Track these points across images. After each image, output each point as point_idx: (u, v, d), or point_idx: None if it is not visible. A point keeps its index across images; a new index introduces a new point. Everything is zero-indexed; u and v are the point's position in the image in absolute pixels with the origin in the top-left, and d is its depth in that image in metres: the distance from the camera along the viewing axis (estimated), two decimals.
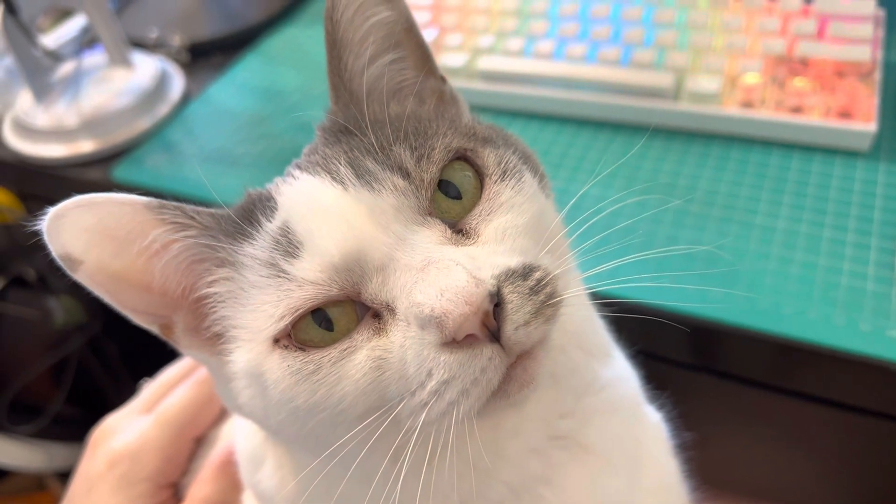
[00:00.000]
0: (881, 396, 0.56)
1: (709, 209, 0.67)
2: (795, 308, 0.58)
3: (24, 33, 0.87)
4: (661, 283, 0.60)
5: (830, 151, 0.70)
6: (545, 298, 0.34)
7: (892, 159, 0.68)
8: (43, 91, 0.91)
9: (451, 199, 0.37)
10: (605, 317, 0.50)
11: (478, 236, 0.37)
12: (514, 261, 0.35)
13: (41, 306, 1.07)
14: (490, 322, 0.32)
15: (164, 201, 0.36)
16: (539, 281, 0.34)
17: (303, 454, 0.41)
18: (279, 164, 0.43)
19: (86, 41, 1.02)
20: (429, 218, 0.36)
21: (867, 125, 0.68)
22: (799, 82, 0.72)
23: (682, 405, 0.58)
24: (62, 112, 0.89)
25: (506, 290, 0.33)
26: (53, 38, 1.05)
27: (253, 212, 0.38)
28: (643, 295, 0.60)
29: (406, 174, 0.36)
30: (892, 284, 0.58)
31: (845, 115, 0.69)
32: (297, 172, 0.38)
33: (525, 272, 0.34)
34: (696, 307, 0.59)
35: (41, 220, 0.34)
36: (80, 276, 0.35)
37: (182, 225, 0.37)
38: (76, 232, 0.34)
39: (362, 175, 0.36)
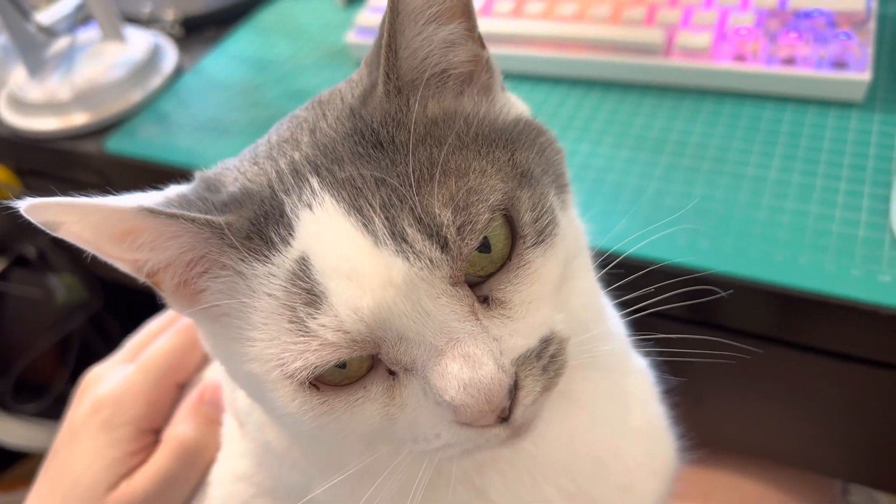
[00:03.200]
0: (873, 342, 0.55)
1: (699, 162, 0.66)
2: (786, 255, 0.57)
3: (17, 9, 0.87)
4: (651, 235, 0.60)
5: (824, 103, 0.69)
6: (553, 375, 0.35)
7: (886, 109, 0.67)
8: (37, 66, 0.92)
9: (479, 253, 0.35)
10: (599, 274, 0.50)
11: (502, 308, 0.35)
12: (533, 339, 0.35)
13: (43, 285, 1.08)
14: (504, 413, 0.34)
15: (156, 208, 0.34)
16: (552, 357, 0.35)
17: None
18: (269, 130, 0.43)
19: (80, 18, 1.02)
20: (457, 288, 0.34)
21: (861, 75, 0.67)
22: (792, 34, 0.71)
23: (673, 359, 0.58)
24: (55, 86, 0.89)
25: (522, 375, 0.34)
26: (48, 14, 1.05)
27: (264, 226, 0.35)
28: (632, 248, 0.59)
29: (444, 245, 0.33)
30: (885, 230, 0.57)
31: (839, 65, 0.68)
32: (316, 186, 0.34)
33: (541, 349, 0.35)
34: (686, 258, 0.58)
35: (20, 204, 0.32)
36: (63, 235, 0.34)
37: (176, 233, 0.34)
38: (56, 214, 0.33)
39: (397, 237, 0.33)
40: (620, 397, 0.48)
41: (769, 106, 0.70)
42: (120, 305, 1.13)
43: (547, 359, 0.35)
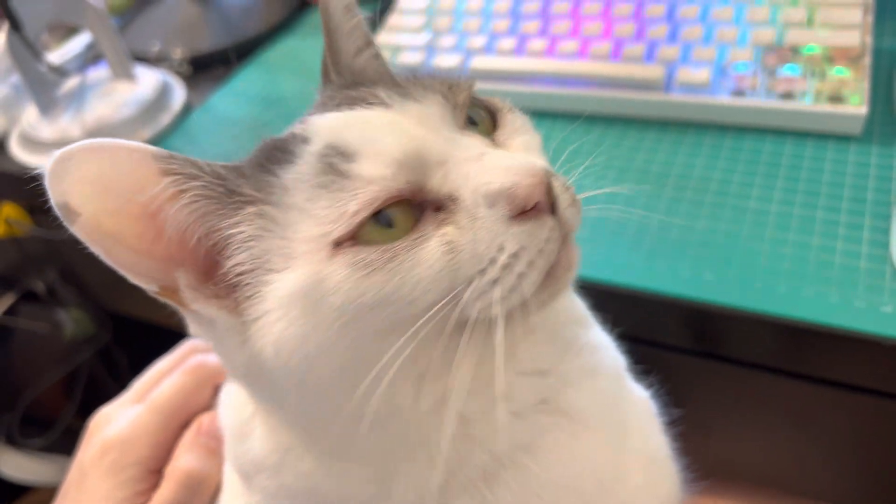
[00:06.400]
0: (877, 373, 0.56)
1: (702, 196, 0.67)
2: (789, 287, 0.58)
3: (28, 49, 0.89)
4: (655, 267, 0.61)
5: (823, 136, 0.71)
6: (574, 200, 0.38)
7: (883, 141, 0.68)
8: (48, 105, 0.93)
9: (474, 126, 0.41)
10: (594, 303, 0.51)
11: (509, 147, 0.41)
12: (546, 163, 0.40)
13: (51, 319, 1.09)
14: (551, 194, 0.36)
15: (174, 153, 0.35)
16: (564, 181, 0.38)
17: (311, 415, 0.40)
18: None
19: (90, 57, 1.04)
20: (469, 131, 0.40)
21: (858, 109, 0.68)
22: (789, 69, 0.72)
23: (679, 390, 0.58)
24: (66, 124, 0.90)
25: (551, 178, 0.36)
26: (59, 54, 1.07)
27: (285, 147, 0.37)
28: (637, 281, 0.60)
29: (444, 96, 0.39)
30: (886, 261, 0.58)
31: (836, 99, 0.69)
32: (320, 114, 0.39)
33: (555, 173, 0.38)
34: (690, 290, 0.59)
35: (46, 163, 0.32)
36: (77, 230, 0.34)
37: (191, 175, 0.36)
38: (78, 181, 0.33)
39: (405, 94, 0.39)
40: (621, 421, 0.48)
41: (769, 140, 0.72)
42: (128, 339, 1.14)
43: (563, 180, 0.38)
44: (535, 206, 0.35)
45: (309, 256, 0.35)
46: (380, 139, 0.36)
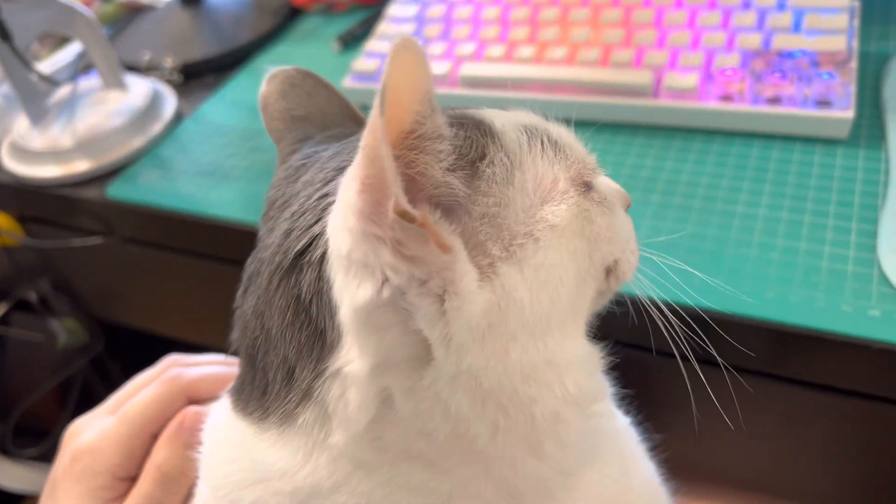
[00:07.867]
0: (866, 376, 0.56)
1: (690, 201, 0.67)
2: (777, 292, 0.58)
3: (18, 59, 0.89)
4: (643, 273, 0.61)
5: (810, 140, 0.71)
6: None
7: (870, 145, 0.69)
8: (39, 115, 0.93)
9: None
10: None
11: None
12: None
13: (44, 329, 1.09)
14: None
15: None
16: None
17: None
18: (268, 175, 0.46)
19: (81, 66, 1.04)
20: None
21: (845, 113, 0.68)
22: (776, 74, 0.73)
23: (669, 395, 0.58)
24: (57, 134, 0.90)
25: None
26: (49, 64, 1.07)
27: (481, 122, 0.39)
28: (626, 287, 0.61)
29: None
30: (873, 265, 0.58)
31: (823, 104, 0.70)
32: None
33: None
34: (678, 295, 0.59)
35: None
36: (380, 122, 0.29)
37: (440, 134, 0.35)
38: (395, 79, 0.29)
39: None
40: (620, 447, 0.48)
41: (756, 144, 0.72)
42: (121, 348, 1.14)
43: None
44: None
45: (570, 193, 0.39)
46: (552, 127, 0.43)
